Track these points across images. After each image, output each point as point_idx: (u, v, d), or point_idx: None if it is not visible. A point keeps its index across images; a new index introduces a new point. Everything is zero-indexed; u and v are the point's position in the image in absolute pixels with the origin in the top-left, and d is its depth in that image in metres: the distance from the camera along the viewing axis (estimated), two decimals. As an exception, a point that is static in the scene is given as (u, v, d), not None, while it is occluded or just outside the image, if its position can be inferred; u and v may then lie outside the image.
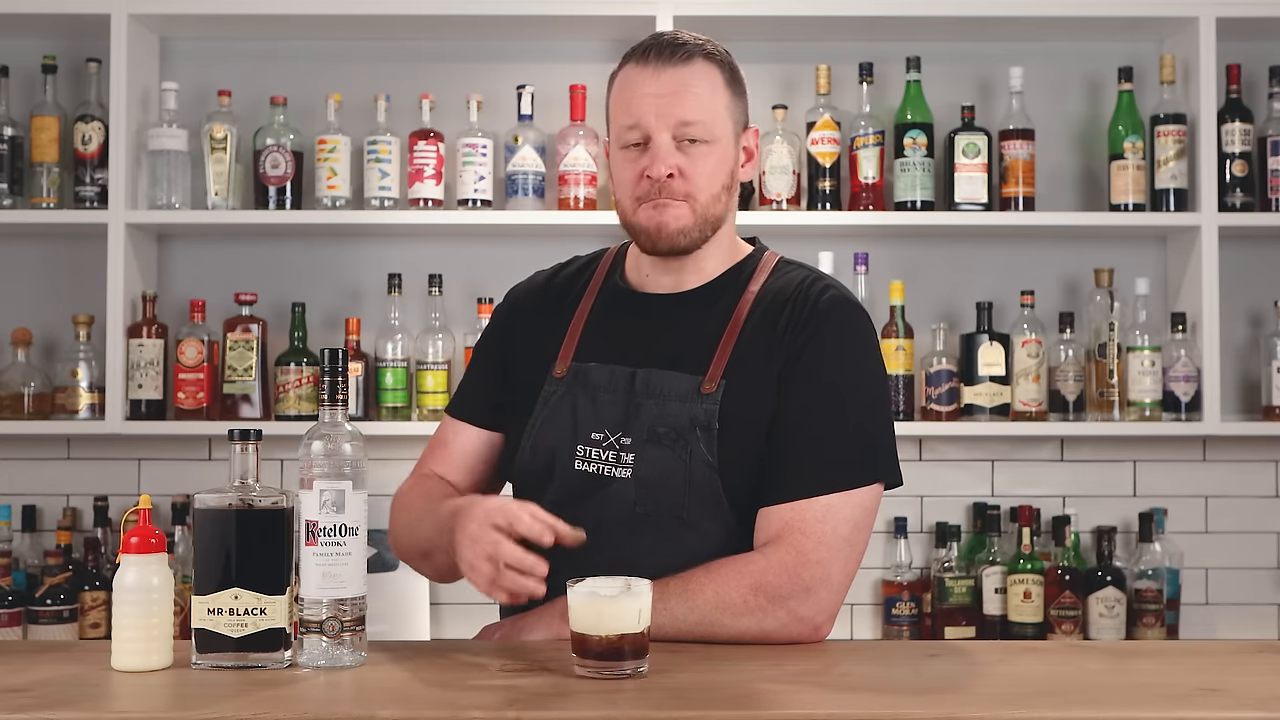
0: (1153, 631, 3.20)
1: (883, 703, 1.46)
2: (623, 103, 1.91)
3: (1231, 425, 3.22)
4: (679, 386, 1.88)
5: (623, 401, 1.89)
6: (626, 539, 1.85)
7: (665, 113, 1.87)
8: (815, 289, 1.92)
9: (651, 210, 1.89)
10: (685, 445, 1.85)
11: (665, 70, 1.88)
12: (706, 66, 1.90)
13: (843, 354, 1.88)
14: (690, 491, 1.85)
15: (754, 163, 1.99)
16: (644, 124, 1.88)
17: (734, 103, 1.93)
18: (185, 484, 3.29)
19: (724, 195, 1.92)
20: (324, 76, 3.35)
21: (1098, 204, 3.36)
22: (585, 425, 1.90)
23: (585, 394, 1.92)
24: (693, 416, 1.86)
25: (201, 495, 1.64)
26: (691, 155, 1.88)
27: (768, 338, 1.89)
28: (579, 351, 1.96)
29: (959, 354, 3.26)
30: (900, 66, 3.30)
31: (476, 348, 2.12)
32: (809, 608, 1.79)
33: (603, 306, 2.00)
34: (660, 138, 1.87)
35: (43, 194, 3.24)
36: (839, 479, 1.83)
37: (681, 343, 1.91)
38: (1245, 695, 1.51)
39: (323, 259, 3.38)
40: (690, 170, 1.88)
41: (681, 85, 1.88)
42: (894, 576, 3.29)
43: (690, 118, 1.87)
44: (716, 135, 1.89)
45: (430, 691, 1.51)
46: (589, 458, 1.89)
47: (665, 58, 1.89)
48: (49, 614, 3.07)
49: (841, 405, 1.86)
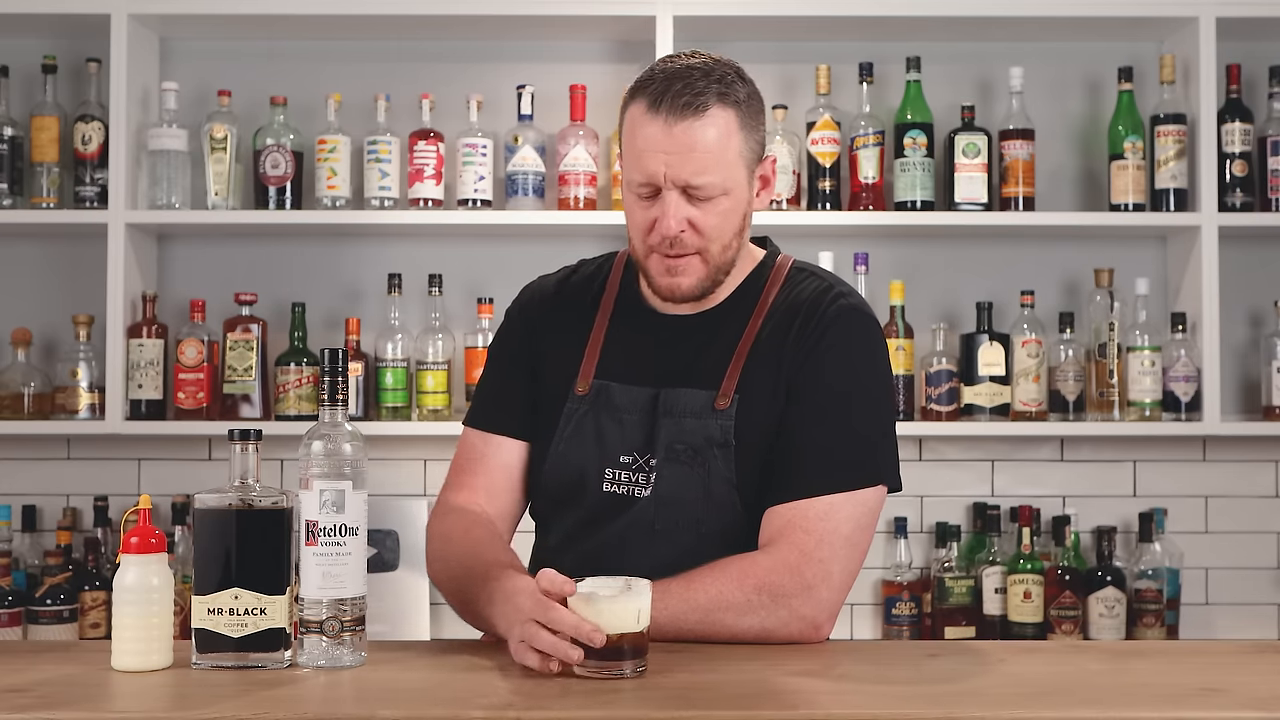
0: (1153, 631, 3.20)
1: (883, 703, 1.46)
2: (633, 151, 1.85)
3: (1231, 425, 3.22)
4: (694, 403, 1.88)
5: (647, 423, 1.90)
6: (646, 554, 1.86)
7: (675, 172, 1.82)
8: (826, 299, 1.92)
9: (665, 273, 1.87)
10: (703, 463, 1.86)
11: (676, 126, 1.81)
12: (720, 113, 1.83)
13: (848, 360, 1.89)
14: (709, 505, 1.86)
15: (769, 189, 1.95)
16: (654, 180, 1.84)
17: (748, 140, 1.87)
18: (185, 484, 3.29)
19: (736, 240, 1.90)
20: (324, 76, 3.35)
21: (1098, 204, 3.36)
22: (613, 448, 1.90)
23: (610, 415, 1.91)
24: (708, 434, 1.87)
25: (201, 495, 1.64)
26: (704, 208, 1.85)
27: (779, 350, 1.89)
28: (600, 369, 1.95)
29: (959, 354, 3.26)
30: (900, 66, 3.30)
31: (493, 354, 2.07)
32: (810, 606, 1.79)
33: (620, 321, 1.99)
34: (670, 195, 1.84)
35: (43, 194, 3.24)
36: (841, 479, 1.84)
37: (697, 359, 1.91)
38: (1245, 695, 1.51)
39: (323, 259, 3.38)
40: (703, 223, 1.85)
41: (691, 143, 1.81)
42: (894, 576, 3.29)
43: (699, 180, 1.82)
44: (730, 186, 1.85)
45: (430, 691, 1.51)
46: (618, 481, 1.90)
47: (677, 113, 1.81)
48: (49, 614, 3.07)
49: (845, 408, 1.87)
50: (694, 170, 1.82)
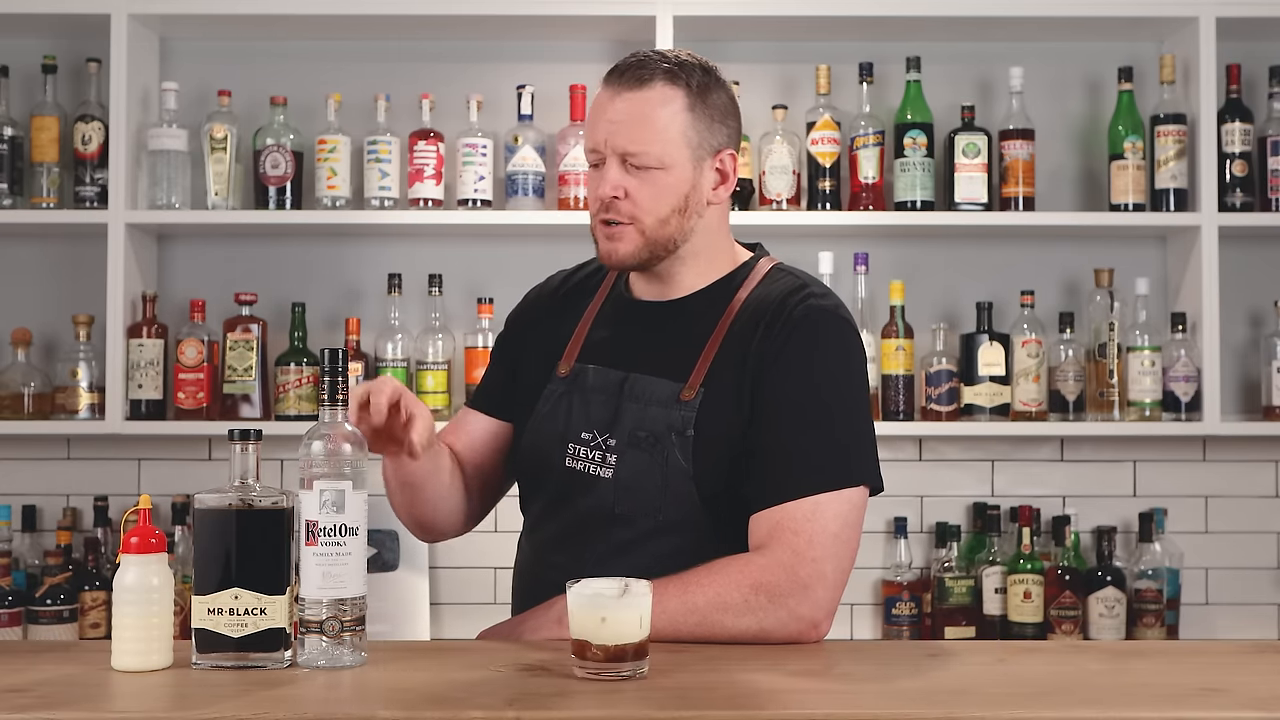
0: (1153, 631, 3.20)
1: (883, 703, 1.46)
2: (588, 123, 1.97)
3: (1231, 425, 3.22)
4: (661, 392, 1.92)
5: (612, 404, 1.95)
6: (606, 537, 1.91)
7: (613, 139, 1.91)
8: (794, 299, 1.94)
9: (604, 238, 1.95)
10: (662, 450, 1.89)
11: (620, 95, 1.92)
12: (666, 90, 1.91)
13: (816, 361, 1.90)
14: (666, 494, 1.89)
15: (728, 185, 1.98)
16: (597, 147, 1.94)
17: (696, 125, 1.93)
18: (185, 484, 3.29)
19: (674, 218, 1.94)
20: (324, 76, 3.35)
21: (1098, 204, 3.36)
22: (577, 425, 1.96)
23: (582, 395, 1.97)
24: (670, 422, 1.90)
25: (201, 495, 1.64)
26: (641, 178, 1.92)
27: (745, 347, 1.92)
28: (582, 353, 2.02)
29: (959, 354, 3.26)
30: (900, 66, 3.30)
31: (493, 346, 2.20)
32: (808, 606, 1.79)
33: (607, 311, 2.06)
34: (611, 160, 1.92)
35: (43, 194, 3.24)
36: (821, 480, 1.85)
37: (669, 350, 1.95)
38: (1245, 695, 1.51)
39: (323, 259, 3.38)
40: (637, 193, 1.92)
41: (633, 112, 1.91)
42: (894, 576, 3.29)
43: (634, 148, 1.90)
44: (667, 162, 1.91)
45: (430, 691, 1.51)
46: (578, 456, 1.95)
47: (625, 82, 1.92)
48: (49, 614, 3.07)
49: (821, 410, 1.88)
50: (630, 138, 1.90)
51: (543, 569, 1.95)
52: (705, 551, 1.85)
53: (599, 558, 1.89)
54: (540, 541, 2.00)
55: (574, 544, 1.93)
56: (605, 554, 1.89)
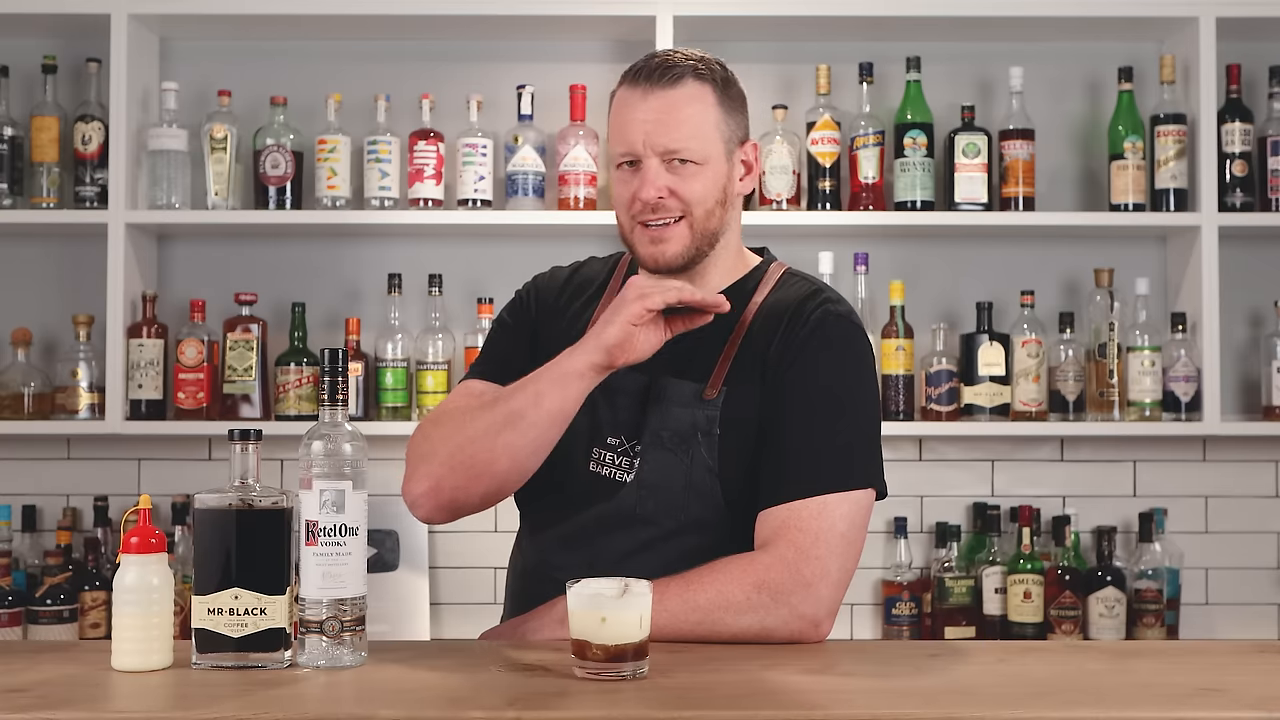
0: (1153, 631, 3.20)
1: (883, 703, 1.46)
2: (617, 125, 1.95)
3: (1231, 425, 3.22)
4: (683, 393, 1.92)
5: (638, 408, 1.93)
6: (627, 539, 1.90)
7: (653, 137, 1.91)
8: (811, 304, 1.95)
9: (649, 241, 1.93)
10: (687, 449, 1.89)
11: (653, 93, 1.91)
12: (696, 86, 1.92)
13: (836, 365, 1.91)
14: (689, 494, 1.89)
15: (753, 175, 2.01)
16: (634, 149, 1.92)
17: (726, 119, 1.95)
18: (185, 484, 3.29)
19: (719, 210, 1.95)
20: (324, 76, 3.35)
21: (1098, 204, 3.36)
22: (603, 428, 1.94)
23: (604, 394, 1.93)
24: (695, 422, 1.90)
25: (201, 495, 1.64)
26: (682, 174, 1.91)
27: (764, 349, 1.92)
28: None
29: (959, 354, 3.26)
30: (900, 66, 3.30)
31: (498, 323, 2.11)
32: (810, 604, 1.79)
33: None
34: (649, 161, 1.91)
35: (43, 194, 3.24)
36: (832, 480, 1.85)
37: (688, 351, 1.94)
38: (1245, 695, 1.51)
39: (323, 259, 3.38)
40: (682, 189, 1.91)
41: (669, 109, 1.91)
42: (894, 576, 3.29)
43: (676, 145, 1.90)
44: (707, 155, 1.92)
45: (430, 691, 1.51)
46: (603, 461, 1.94)
47: (655, 80, 1.92)
48: (49, 614, 3.07)
49: (834, 412, 1.89)
50: (671, 135, 1.90)
51: (550, 570, 1.92)
52: (725, 551, 1.85)
53: (616, 558, 1.87)
54: (548, 542, 1.97)
55: (589, 545, 1.91)
56: (623, 554, 1.88)
